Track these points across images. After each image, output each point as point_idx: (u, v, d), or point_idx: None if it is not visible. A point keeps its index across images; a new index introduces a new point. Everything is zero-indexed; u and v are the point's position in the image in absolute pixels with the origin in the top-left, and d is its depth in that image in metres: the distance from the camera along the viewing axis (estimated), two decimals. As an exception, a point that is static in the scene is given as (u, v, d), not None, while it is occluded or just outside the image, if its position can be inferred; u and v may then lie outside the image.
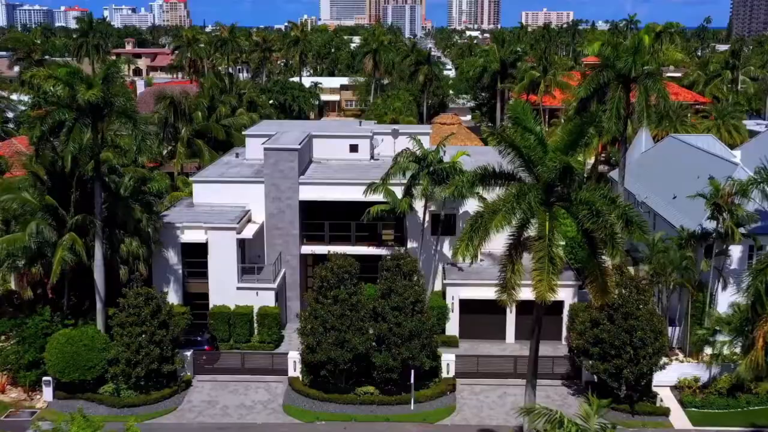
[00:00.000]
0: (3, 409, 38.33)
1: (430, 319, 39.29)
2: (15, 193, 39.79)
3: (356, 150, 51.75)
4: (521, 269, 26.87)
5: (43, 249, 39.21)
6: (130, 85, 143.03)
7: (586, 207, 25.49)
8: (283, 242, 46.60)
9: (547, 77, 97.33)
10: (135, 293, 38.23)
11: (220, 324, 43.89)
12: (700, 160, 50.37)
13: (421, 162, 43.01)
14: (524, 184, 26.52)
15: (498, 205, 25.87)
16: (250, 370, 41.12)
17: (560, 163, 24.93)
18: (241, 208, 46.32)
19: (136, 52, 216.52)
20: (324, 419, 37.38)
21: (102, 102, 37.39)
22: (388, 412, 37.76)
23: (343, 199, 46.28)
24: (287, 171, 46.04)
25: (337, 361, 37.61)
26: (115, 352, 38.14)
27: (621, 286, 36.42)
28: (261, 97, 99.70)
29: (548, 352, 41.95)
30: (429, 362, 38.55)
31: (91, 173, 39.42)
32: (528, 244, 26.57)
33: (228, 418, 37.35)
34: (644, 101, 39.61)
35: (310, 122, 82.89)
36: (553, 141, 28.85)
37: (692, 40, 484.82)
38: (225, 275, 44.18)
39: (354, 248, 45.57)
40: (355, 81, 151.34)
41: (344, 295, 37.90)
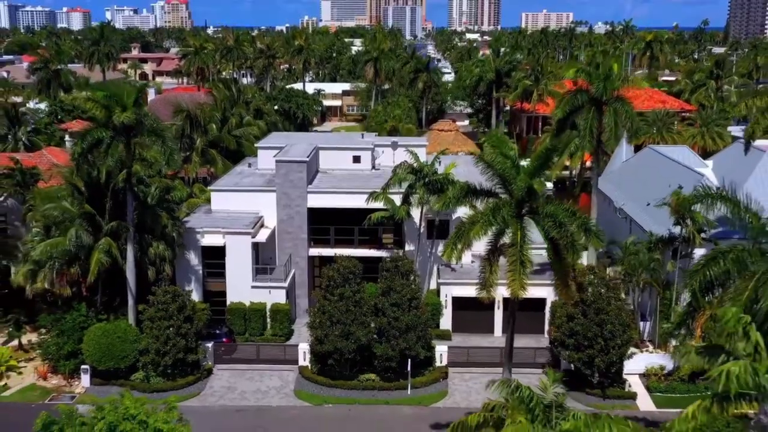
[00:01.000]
0: (46, 393, 43.25)
1: (425, 314, 44.20)
2: (56, 202, 44.69)
3: (359, 161, 56.65)
4: (498, 270, 31.79)
5: (80, 252, 44.18)
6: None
7: (551, 219, 30.47)
8: (292, 245, 51.50)
9: (540, 86, 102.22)
10: (163, 291, 43.11)
11: (237, 319, 48.80)
12: (673, 170, 55.23)
13: (417, 173, 47.88)
14: (500, 200, 31.54)
15: (477, 217, 30.89)
16: (264, 360, 46.03)
17: (527, 184, 29.91)
18: (255, 214, 51.18)
19: (143, 57, 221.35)
20: (331, 402, 42.27)
21: (134, 122, 42.24)
22: (388, 396, 42.65)
23: (347, 206, 51.15)
24: (297, 181, 50.94)
25: (343, 351, 42.50)
26: (145, 343, 43.00)
27: (593, 284, 41.35)
28: (267, 105, 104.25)
29: (531, 344, 46.91)
30: (424, 352, 43.43)
31: (122, 184, 44.29)
32: (503, 249, 31.55)
33: (246, 402, 42.23)
34: (614, 122, 44.58)
35: (317, 134, 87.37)
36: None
37: (689, 43, 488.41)
38: (241, 275, 49.07)
39: (357, 251, 50.43)
40: (357, 87, 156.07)
41: (349, 292, 42.76)
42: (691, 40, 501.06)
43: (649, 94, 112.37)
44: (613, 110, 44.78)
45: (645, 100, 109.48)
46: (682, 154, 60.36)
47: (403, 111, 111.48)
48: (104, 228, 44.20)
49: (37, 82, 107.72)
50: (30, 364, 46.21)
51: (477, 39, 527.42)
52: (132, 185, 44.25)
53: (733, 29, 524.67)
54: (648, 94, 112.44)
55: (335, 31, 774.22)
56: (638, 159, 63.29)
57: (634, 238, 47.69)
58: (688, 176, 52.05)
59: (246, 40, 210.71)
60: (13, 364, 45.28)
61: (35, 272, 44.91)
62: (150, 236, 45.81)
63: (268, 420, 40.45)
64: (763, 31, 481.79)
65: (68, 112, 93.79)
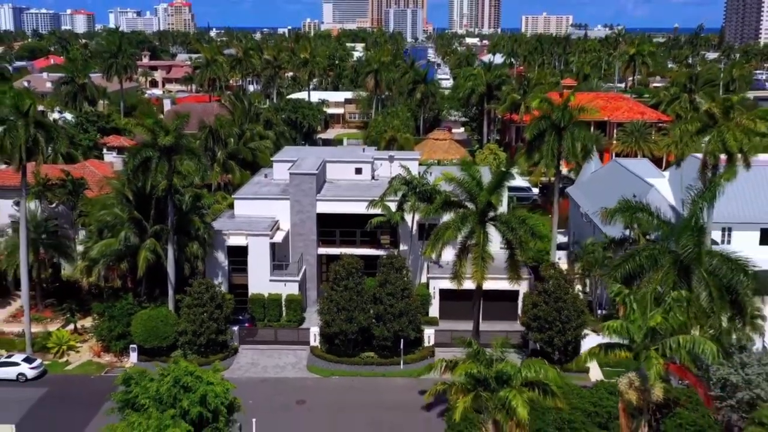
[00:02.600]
0: (101, 368, 52.24)
1: (416, 303, 53.10)
2: (108, 209, 53.66)
3: (360, 172, 65.58)
4: (466, 265, 40.67)
5: (128, 251, 53.15)
6: (155, 100, 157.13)
7: (506, 225, 39.35)
8: (304, 245, 60.45)
9: (527, 99, 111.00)
10: (198, 283, 52.06)
11: (257, 307, 57.77)
12: (631, 181, 64.09)
13: (409, 185, 56.70)
14: (467, 210, 40.47)
15: (449, 223, 39.81)
16: (281, 341, 55.00)
17: (487, 198, 38.84)
18: (272, 218, 60.12)
19: (153, 65, 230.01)
20: (337, 375, 51.19)
21: (174, 144, 51.13)
22: (384, 370, 51.54)
23: (350, 211, 60.04)
24: (307, 190, 59.89)
25: (347, 333, 51.44)
26: (183, 326, 51.89)
27: (553, 278, 50.23)
28: (276, 116, 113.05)
29: (506, 328, 55.73)
30: (414, 334, 52.33)
31: (163, 193, 53.25)
32: (470, 248, 40.45)
33: (267, 374, 51.17)
34: (571, 144, 53.51)
35: (324, 148, 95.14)
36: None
37: (685, 47, 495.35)
38: (260, 270, 58.00)
39: (358, 250, 59.33)
40: (358, 95, 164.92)
41: (352, 284, 51.66)
42: (686, 45, 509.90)
43: (629, 105, 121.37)
44: (570, 134, 53.80)
45: (625, 111, 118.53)
46: (643, 166, 69.20)
47: (401, 121, 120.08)
48: (149, 231, 53.17)
49: (63, 95, 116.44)
50: (85, 345, 55.19)
51: (476, 44, 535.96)
52: (172, 195, 53.16)
53: (728, 33, 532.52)
54: (628, 105, 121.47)
55: (337, 35, 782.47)
56: (605, 170, 72.18)
57: (592, 239, 56.56)
58: (642, 187, 60.98)
59: (252, 47, 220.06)
60: (72, 344, 54.27)
61: (90, 268, 53.99)
62: (186, 237, 54.76)
63: (286, 389, 49.37)
64: (757, 35, 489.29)
65: (93, 123, 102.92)
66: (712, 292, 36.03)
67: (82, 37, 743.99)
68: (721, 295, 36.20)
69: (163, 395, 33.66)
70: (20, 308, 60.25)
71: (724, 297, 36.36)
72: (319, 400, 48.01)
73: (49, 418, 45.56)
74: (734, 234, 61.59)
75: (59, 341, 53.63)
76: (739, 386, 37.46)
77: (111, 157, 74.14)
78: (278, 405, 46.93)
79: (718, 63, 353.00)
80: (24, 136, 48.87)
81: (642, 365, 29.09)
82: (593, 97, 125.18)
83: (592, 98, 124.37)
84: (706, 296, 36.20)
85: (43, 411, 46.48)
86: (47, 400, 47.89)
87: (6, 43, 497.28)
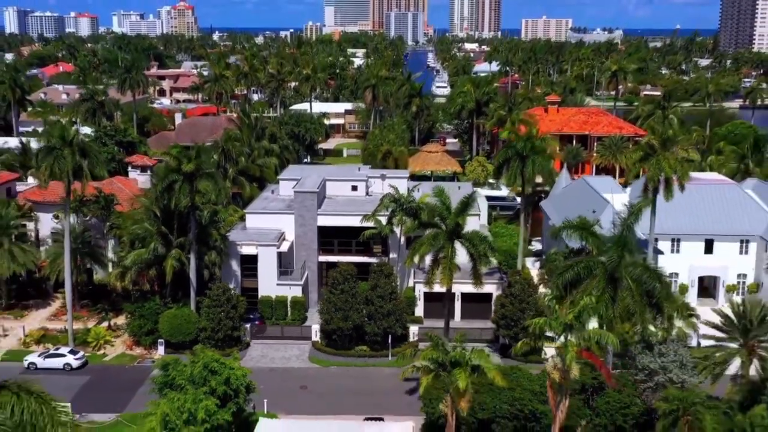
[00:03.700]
0: (134, 359, 61.35)
1: (402, 304, 62.12)
2: (139, 223, 62.75)
3: (356, 189, 74.59)
4: (437, 273, 49.79)
5: (156, 259, 62.19)
6: (166, 112, 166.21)
7: (469, 241, 48.34)
8: (306, 254, 69.49)
9: (512, 116, 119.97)
10: (217, 287, 61.14)
11: (266, 307, 66.80)
12: (592, 197, 73.14)
13: (397, 202, 65.55)
14: (439, 229, 49.63)
15: (424, 240, 48.95)
16: (286, 336, 64.08)
17: (454, 220, 47.98)
18: (279, 230, 69.13)
19: (161, 74, 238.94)
20: (335, 365, 60.23)
21: (196, 170, 60.11)
22: (375, 361, 60.55)
23: (346, 224, 69.02)
24: (309, 206, 68.93)
25: (343, 330, 60.47)
26: (203, 323, 60.93)
27: (518, 282, 59.22)
28: (280, 131, 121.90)
29: (480, 326, 64.71)
30: (400, 330, 61.36)
31: (185, 210, 62.28)
32: (440, 260, 49.57)
33: (274, 364, 60.20)
34: (532, 170, 62.65)
35: (324, 167, 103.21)
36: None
37: (679, 53, 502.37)
38: (269, 276, 67.03)
39: (354, 258, 68.35)
40: (357, 107, 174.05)
41: (347, 288, 60.68)
42: (681, 51, 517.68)
43: (608, 120, 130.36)
44: (531, 161, 62.93)
45: (604, 126, 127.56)
46: (606, 183, 78.09)
47: (396, 135, 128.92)
48: (174, 242, 62.25)
49: (84, 112, 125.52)
50: (118, 340, 64.31)
51: (475, 49, 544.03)
52: (193, 211, 62.20)
53: (723, 39, 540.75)
54: (608, 120, 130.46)
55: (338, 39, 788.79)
56: (573, 186, 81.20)
57: (555, 249, 65.53)
58: (600, 203, 70.02)
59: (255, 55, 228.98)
60: (108, 339, 63.38)
61: (124, 273, 63.10)
62: (205, 248, 63.82)
63: (291, 376, 58.43)
64: (751, 41, 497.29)
65: (111, 137, 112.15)
66: (634, 297, 45.03)
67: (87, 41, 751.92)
68: (641, 299, 45.19)
69: (195, 377, 42.77)
70: (59, 308, 69.47)
71: (644, 300, 45.34)
72: (319, 386, 57.08)
73: (94, 399, 54.64)
74: (682, 244, 70.62)
75: (97, 336, 62.76)
76: (657, 371, 46.47)
77: (135, 174, 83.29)
78: (285, 390, 55.95)
79: (711, 69, 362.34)
80: (71, 163, 57.97)
81: (561, 352, 37.99)
82: (575, 112, 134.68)
83: (574, 113, 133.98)
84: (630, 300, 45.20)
85: (89, 394, 55.56)
86: (91, 386, 57.00)
87: (14, 49, 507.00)
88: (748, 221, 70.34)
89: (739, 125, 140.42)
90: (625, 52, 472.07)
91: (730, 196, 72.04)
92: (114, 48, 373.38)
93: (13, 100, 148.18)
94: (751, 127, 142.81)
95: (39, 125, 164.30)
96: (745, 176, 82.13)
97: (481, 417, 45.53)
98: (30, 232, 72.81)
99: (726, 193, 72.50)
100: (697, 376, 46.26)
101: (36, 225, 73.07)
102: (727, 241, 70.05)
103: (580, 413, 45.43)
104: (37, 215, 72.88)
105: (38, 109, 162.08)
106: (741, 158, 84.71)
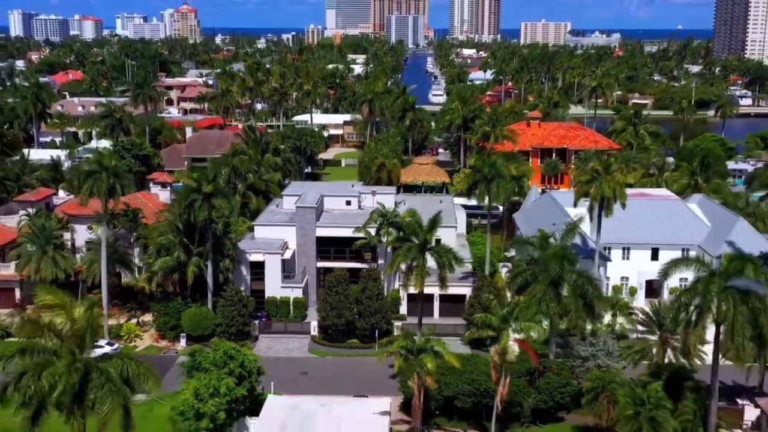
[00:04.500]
0: (160, 350, 72.50)
1: (387, 303, 73.13)
2: (164, 235, 73.83)
3: (350, 204, 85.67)
4: (411, 278, 61.15)
5: (179, 266, 73.22)
6: (176, 123, 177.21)
7: (437, 253, 59.52)
8: (306, 260, 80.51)
9: (496, 131, 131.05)
10: (230, 289, 72.21)
11: (271, 307, 77.81)
12: (555, 210, 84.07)
13: (384, 217, 76.56)
14: (412, 243, 60.88)
15: (400, 252, 60.30)
16: (289, 331, 75.20)
17: (425, 236, 59.25)
18: (282, 240, 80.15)
19: (169, 85, 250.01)
20: (330, 356, 71.29)
21: (213, 190, 71.18)
22: (364, 352, 71.56)
23: (341, 235, 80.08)
24: (309, 219, 79.97)
25: (337, 325, 71.48)
26: (219, 320, 71.95)
27: (485, 286, 70.20)
28: (283, 145, 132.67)
29: (455, 323, 75.69)
30: (386, 326, 72.39)
31: (203, 223, 73.32)
32: (413, 268, 60.80)
33: (279, 355, 71.26)
34: (497, 190, 73.88)
35: (322, 184, 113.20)
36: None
37: (673, 59, 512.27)
38: (274, 279, 78.05)
39: (347, 264, 79.39)
40: (355, 118, 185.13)
41: (341, 290, 71.69)
42: (675, 56, 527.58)
43: (585, 134, 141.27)
44: (497, 184, 74.14)
45: (581, 140, 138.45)
46: (569, 198, 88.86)
47: (390, 148, 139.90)
48: (194, 251, 73.33)
49: (103, 128, 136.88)
50: (146, 334, 75.41)
51: (472, 55, 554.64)
52: (210, 225, 73.25)
53: (717, 44, 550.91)
54: (585, 134, 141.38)
55: (340, 42, 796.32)
56: (540, 200, 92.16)
57: (519, 257, 76.51)
58: (561, 216, 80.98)
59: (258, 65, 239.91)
60: (137, 333, 74.50)
61: (151, 278, 74.18)
62: (220, 255, 74.89)
63: (293, 365, 69.47)
64: (744, 47, 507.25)
65: (128, 150, 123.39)
66: (570, 298, 56.05)
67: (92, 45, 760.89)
68: (576, 300, 56.19)
69: (217, 361, 53.81)
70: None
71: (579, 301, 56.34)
72: (317, 372, 68.15)
73: (130, 382, 65.61)
74: (632, 252, 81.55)
75: (128, 331, 73.87)
76: (588, 358, 57.47)
77: (157, 189, 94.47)
78: (288, 376, 66.96)
79: (701, 77, 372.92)
80: (106, 185, 69.09)
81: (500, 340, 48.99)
82: (555, 127, 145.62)
83: (554, 128, 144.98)
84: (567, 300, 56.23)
85: (125, 378, 66.52)
86: (125, 372, 67.92)
87: (22, 54, 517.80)
88: (689, 233, 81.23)
89: (710, 138, 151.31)
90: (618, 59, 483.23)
91: (674, 210, 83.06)
92: (121, 55, 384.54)
93: (35, 113, 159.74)
94: (720, 140, 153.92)
95: (56, 135, 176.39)
96: (695, 191, 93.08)
97: (446, 394, 56.54)
98: (67, 241, 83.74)
99: (670, 207, 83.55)
100: (621, 362, 57.26)
101: (72, 235, 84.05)
102: (670, 250, 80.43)
103: (526, 392, 56.46)
104: (73, 226, 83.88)
105: (56, 121, 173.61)
106: (692, 174, 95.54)
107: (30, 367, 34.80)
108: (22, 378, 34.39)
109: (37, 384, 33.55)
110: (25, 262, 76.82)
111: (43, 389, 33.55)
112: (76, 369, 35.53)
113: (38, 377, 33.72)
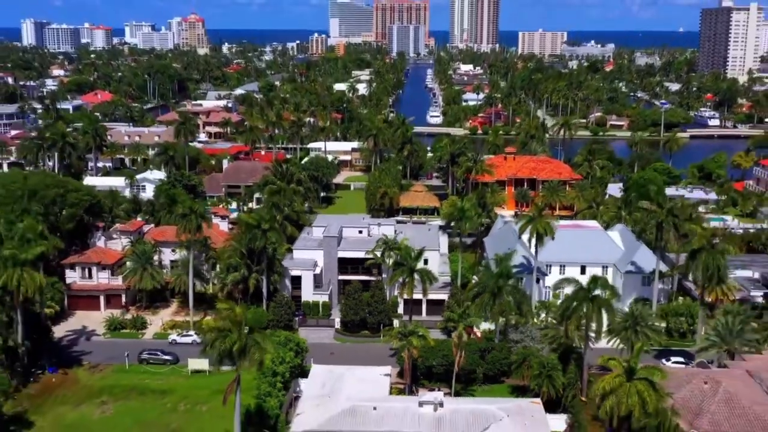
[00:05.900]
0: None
1: (389, 306, 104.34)
2: (232, 257, 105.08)
3: (362, 233, 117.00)
4: (404, 289, 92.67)
5: (242, 280, 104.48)
6: (209, 151, 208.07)
7: (420, 273, 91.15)
8: (330, 275, 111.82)
9: (477, 166, 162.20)
10: (279, 296, 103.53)
11: (306, 308, 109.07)
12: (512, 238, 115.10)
13: (387, 243, 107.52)
14: (404, 267, 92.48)
15: (396, 273, 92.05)
16: (320, 325, 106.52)
17: (412, 263, 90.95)
18: (314, 260, 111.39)
19: (194, 111, 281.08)
20: (349, 342, 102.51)
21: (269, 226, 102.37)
22: (372, 340, 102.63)
23: (356, 256, 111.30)
24: (332, 244, 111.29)
25: (354, 321, 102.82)
26: (271, 317, 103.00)
27: (457, 293, 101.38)
28: (303, 174, 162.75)
29: (437, 319, 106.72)
30: (388, 321, 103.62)
31: (259, 248, 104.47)
32: (406, 283, 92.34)
33: (313, 341, 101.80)
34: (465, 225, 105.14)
35: (341, 216, 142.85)
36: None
37: (658, 74, 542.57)
38: (308, 288, 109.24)
39: (360, 277, 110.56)
40: (362, 147, 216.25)
41: (356, 296, 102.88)
42: (660, 71, 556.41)
43: (552, 167, 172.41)
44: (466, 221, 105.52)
45: (548, 171, 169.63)
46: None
47: (391, 177, 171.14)
48: (253, 269, 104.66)
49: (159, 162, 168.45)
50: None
51: (469, 72, 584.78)
52: (265, 249, 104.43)
53: (702, 61, 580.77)
54: (551, 166, 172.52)
55: (343, 53, 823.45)
56: (503, 228, 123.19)
57: (483, 273, 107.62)
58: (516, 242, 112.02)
59: (270, 88, 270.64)
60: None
61: (223, 288, 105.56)
62: (271, 272, 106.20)
63: (324, 347, 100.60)
64: (725, 64, 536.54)
65: (179, 181, 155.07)
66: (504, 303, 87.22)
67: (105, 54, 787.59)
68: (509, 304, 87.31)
69: (281, 341, 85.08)
70: (177, 308, 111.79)
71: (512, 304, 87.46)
72: (340, 353, 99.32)
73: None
74: (567, 268, 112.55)
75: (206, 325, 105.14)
76: (519, 341, 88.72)
77: (217, 220, 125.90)
78: (320, 355, 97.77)
79: (680, 94, 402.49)
80: (195, 224, 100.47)
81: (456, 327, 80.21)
82: (528, 160, 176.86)
83: (526, 161, 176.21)
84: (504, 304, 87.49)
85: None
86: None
87: (45, 70, 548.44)
88: (607, 254, 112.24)
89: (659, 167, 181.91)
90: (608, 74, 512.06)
91: (596, 237, 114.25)
92: (141, 74, 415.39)
93: (94, 146, 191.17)
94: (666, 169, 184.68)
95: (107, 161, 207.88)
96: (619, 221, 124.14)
97: (428, 365, 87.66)
98: (155, 260, 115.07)
99: (594, 235, 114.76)
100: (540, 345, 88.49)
101: (159, 256, 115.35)
102: (594, 267, 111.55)
103: (479, 363, 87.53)
104: (160, 249, 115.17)
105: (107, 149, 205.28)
106: (618, 208, 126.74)
107: (219, 337, 66.01)
108: (215, 342, 65.51)
109: (223, 343, 64.66)
110: (130, 275, 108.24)
111: (226, 347, 64.58)
112: (241, 338, 66.43)
113: (224, 340, 64.78)
